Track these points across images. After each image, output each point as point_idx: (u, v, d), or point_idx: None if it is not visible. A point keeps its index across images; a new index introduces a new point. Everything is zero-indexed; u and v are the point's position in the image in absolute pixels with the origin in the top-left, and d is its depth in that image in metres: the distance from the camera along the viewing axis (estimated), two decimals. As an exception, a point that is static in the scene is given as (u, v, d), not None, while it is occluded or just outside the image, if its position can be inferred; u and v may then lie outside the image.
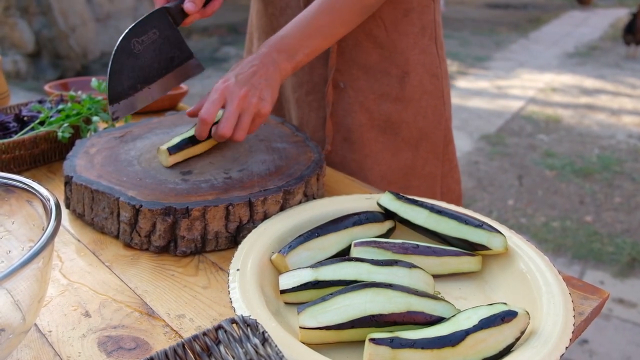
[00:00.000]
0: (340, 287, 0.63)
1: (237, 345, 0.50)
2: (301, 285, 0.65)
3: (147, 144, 0.96)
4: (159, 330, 0.63)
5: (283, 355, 0.48)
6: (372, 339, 0.54)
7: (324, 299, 0.60)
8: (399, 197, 0.79)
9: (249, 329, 0.51)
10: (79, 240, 0.80)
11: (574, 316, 0.60)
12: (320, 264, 0.66)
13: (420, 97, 1.11)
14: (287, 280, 0.66)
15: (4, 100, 1.29)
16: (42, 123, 1.05)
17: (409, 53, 1.08)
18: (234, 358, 0.49)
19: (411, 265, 0.66)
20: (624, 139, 4.31)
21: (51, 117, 1.06)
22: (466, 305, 0.67)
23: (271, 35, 1.11)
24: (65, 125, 1.02)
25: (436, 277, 0.71)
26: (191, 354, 0.50)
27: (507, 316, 0.56)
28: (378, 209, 0.81)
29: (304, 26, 0.92)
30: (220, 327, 0.51)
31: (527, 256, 0.71)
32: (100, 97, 1.10)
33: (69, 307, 0.66)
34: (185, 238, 0.76)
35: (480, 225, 0.73)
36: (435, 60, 1.12)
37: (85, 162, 0.88)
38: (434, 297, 0.61)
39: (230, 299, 0.62)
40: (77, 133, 1.08)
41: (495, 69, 6.37)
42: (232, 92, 0.84)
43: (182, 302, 0.67)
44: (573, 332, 0.58)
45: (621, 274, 2.61)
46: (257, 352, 0.49)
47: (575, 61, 6.82)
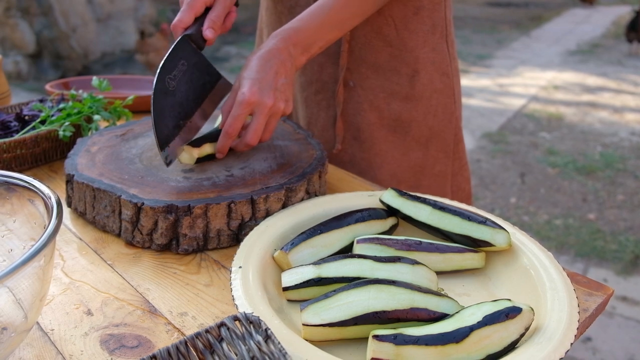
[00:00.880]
0: (343, 284, 0.63)
1: (240, 342, 0.50)
2: (304, 282, 0.64)
3: (149, 142, 0.95)
4: (162, 328, 0.62)
5: (286, 352, 0.48)
6: (375, 336, 0.54)
7: (326, 296, 0.59)
8: (402, 194, 0.78)
9: (251, 326, 0.51)
10: (80, 239, 0.80)
11: (578, 312, 0.60)
12: (323, 261, 0.66)
13: (431, 96, 1.10)
14: (290, 278, 0.66)
15: (5, 100, 1.29)
16: (43, 122, 1.05)
17: (419, 51, 1.07)
18: (236, 355, 0.49)
19: (414, 262, 0.66)
20: (627, 137, 4.30)
21: (52, 116, 1.06)
22: (470, 302, 0.67)
23: None
24: (67, 124, 1.02)
25: (439, 273, 0.71)
26: (194, 352, 0.49)
27: (512, 312, 0.56)
28: (380, 205, 0.80)
29: (320, 18, 0.90)
30: (222, 324, 0.51)
31: (531, 252, 0.71)
32: (101, 96, 1.10)
33: (71, 306, 0.66)
34: (187, 236, 0.76)
35: (484, 221, 0.73)
36: (446, 59, 1.11)
37: (87, 160, 0.88)
38: (438, 294, 0.61)
39: (232, 296, 0.61)
40: (78, 132, 1.08)
41: (497, 67, 6.36)
42: (260, 102, 0.83)
43: (185, 300, 0.67)
44: (578, 328, 0.58)
45: (624, 271, 2.61)
46: (260, 349, 0.49)
47: (577, 59, 6.80)
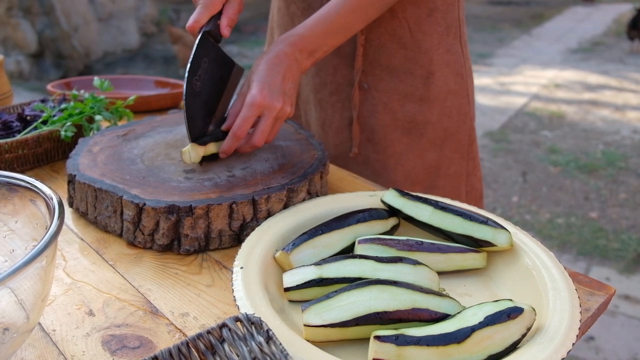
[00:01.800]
0: (344, 285, 0.63)
1: (242, 343, 0.50)
2: (305, 282, 0.64)
3: (150, 142, 0.95)
4: (163, 329, 0.62)
5: (287, 353, 0.48)
6: (377, 337, 0.54)
7: (328, 296, 0.59)
8: (403, 194, 0.78)
9: (253, 327, 0.51)
10: (82, 239, 0.80)
11: (580, 312, 0.60)
12: (325, 261, 0.66)
13: (445, 97, 1.10)
14: (291, 278, 0.66)
15: (7, 100, 1.30)
16: (45, 122, 1.05)
17: (434, 53, 1.06)
18: (238, 356, 0.49)
19: (416, 262, 0.66)
20: (629, 135, 4.29)
21: (54, 116, 1.06)
22: (471, 302, 0.67)
23: None
24: (68, 124, 1.02)
25: (441, 273, 0.71)
26: (195, 353, 0.50)
27: (513, 313, 0.56)
28: (382, 206, 0.80)
29: (326, 25, 0.91)
30: (224, 325, 0.51)
31: (533, 252, 0.71)
32: (103, 96, 1.10)
33: (72, 306, 0.66)
34: (189, 236, 0.76)
35: (485, 221, 0.72)
36: (460, 59, 1.11)
37: (89, 160, 0.88)
38: (439, 294, 0.61)
39: (234, 297, 0.61)
40: (80, 132, 1.08)
41: (498, 66, 6.35)
42: (269, 106, 0.84)
43: (186, 301, 0.67)
44: (580, 328, 0.58)
45: (627, 270, 2.60)
46: (261, 350, 0.49)
47: (578, 57, 6.79)
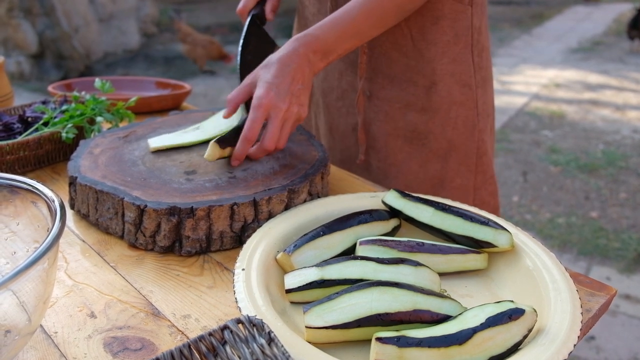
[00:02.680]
0: (346, 286, 0.63)
1: (243, 345, 0.50)
2: (307, 284, 0.64)
3: (151, 144, 0.95)
4: (165, 331, 0.63)
5: (289, 355, 0.48)
6: (378, 338, 0.54)
7: (329, 298, 0.59)
8: (404, 195, 0.78)
9: (254, 329, 0.51)
10: (83, 241, 0.80)
11: (581, 313, 0.60)
12: (326, 262, 0.66)
13: (449, 108, 1.07)
14: (293, 280, 0.66)
15: (8, 101, 1.30)
16: (46, 124, 1.05)
17: (437, 63, 1.04)
18: (240, 358, 0.49)
19: (417, 264, 0.66)
20: (629, 134, 4.29)
21: (55, 117, 1.06)
22: (473, 303, 0.67)
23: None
24: (69, 125, 1.02)
25: (442, 275, 0.71)
26: (197, 355, 0.50)
27: (515, 314, 0.56)
28: (383, 207, 0.80)
29: (341, 28, 0.91)
30: (226, 327, 0.51)
31: (534, 253, 0.71)
32: (104, 98, 1.10)
33: (74, 308, 0.66)
34: (190, 238, 0.76)
35: (486, 222, 0.72)
36: (469, 69, 1.07)
37: (90, 162, 0.88)
38: (440, 296, 0.61)
39: (235, 298, 0.61)
40: (81, 133, 1.08)
41: (499, 65, 6.35)
42: (275, 106, 0.84)
43: (188, 302, 0.67)
44: (581, 329, 0.58)
45: (627, 269, 2.60)
46: (263, 352, 0.49)
47: (578, 56, 6.79)
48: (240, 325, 0.52)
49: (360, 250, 0.70)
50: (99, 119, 1.06)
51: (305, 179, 0.84)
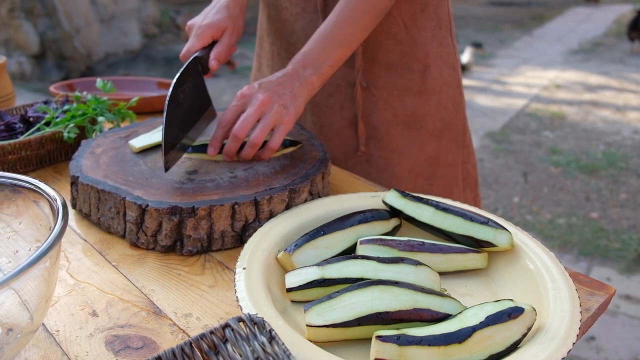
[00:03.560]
0: (346, 285, 0.63)
1: (245, 343, 0.50)
2: (307, 283, 0.65)
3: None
4: (166, 329, 0.63)
5: (290, 353, 0.48)
6: (378, 337, 0.54)
7: (330, 296, 0.60)
8: (404, 195, 0.79)
9: (256, 327, 0.51)
10: (85, 240, 0.81)
11: (580, 312, 0.60)
12: (327, 262, 0.67)
13: (441, 89, 1.12)
14: (294, 279, 0.66)
15: (10, 101, 1.30)
16: (48, 124, 1.06)
17: (428, 46, 1.09)
18: (241, 356, 0.49)
19: (417, 263, 0.66)
20: (629, 135, 4.29)
21: (57, 117, 1.06)
22: (472, 302, 0.67)
23: (286, 40, 1.13)
24: (71, 125, 1.03)
25: (442, 274, 0.71)
26: (199, 353, 0.50)
27: (514, 312, 0.56)
28: (383, 206, 0.81)
29: (326, 38, 0.94)
30: (227, 325, 0.51)
31: (533, 252, 0.71)
32: (106, 98, 1.11)
33: (76, 307, 0.66)
34: (192, 237, 0.76)
35: (486, 222, 0.73)
36: (452, 52, 1.14)
37: (91, 162, 0.89)
38: (440, 294, 0.61)
39: (236, 297, 0.62)
40: (83, 133, 1.08)
41: (499, 67, 6.35)
42: (254, 96, 0.87)
43: (189, 301, 0.68)
44: (580, 328, 0.58)
45: (628, 270, 2.60)
46: (264, 350, 0.49)
47: (579, 58, 6.79)
48: (241, 323, 0.52)
49: (361, 250, 0.71)
50: (100, 119, 1.06)
51: (306, 178, 0.84)
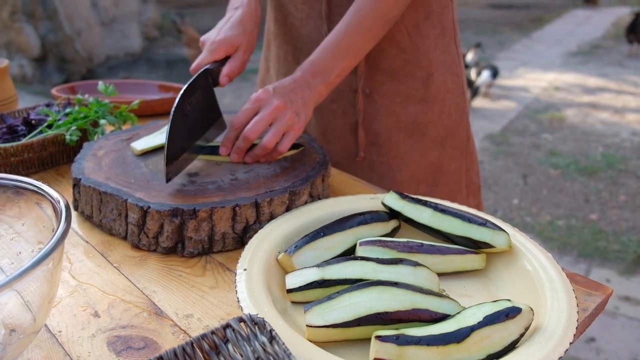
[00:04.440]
0: (346, 286, 0.64)
1: (245, 343, 0.51)
2: (307, 284, 0.65)
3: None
4: (168, 330, 0.63)
5: (290, 353, 0.49)
6: (378, 337, 0.55)
7: (330, 297, 0.60)
8: (403, 197, 0.79)
9: (256, 328, 0.52)
10: (87, 242, 0.81)
11: (577, 312, 0.61)
12: (326, 263, 0.67)
13: (444, 97, 1.12)
14: (294, 280, 0.66)
15: (12, 104, 1.31)
16: (50, 126, 1.06)
17: (432, 54, 1.09)
18: (242, 356, 0.50)
19: (416, 264, 0.66)
20: (628, 137, 4.30)
21: (59, 120, 1.07)
22: (471, 303, 0.67)
23: (292, 44, 1.13)
24: (73, 128, 1.03)
25: (441, 275, 0.72)
26: (200, 353, 0.50)
27: (512, 312, 0.57)
28: (383, 208, 0.81)
29: (334, 48, 0.94)
30: (228, 325, 0.52)
31: (531, 253, 0.71)
32: (107, 100, 1.11)
33: (78, 308, 0.67)
34: (193, 239, 0.77)
35: (484, 223, 0.73)
36: (456, 59, 1.14)
37: (93, 164, 0.89)
38: (439, 295, 0.62)
39: (237, 298, 0.62)
40: (85, 136, 1.09)
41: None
42: (268, 100, 0.88)
43: (190, 302, 0.68)
44: (577, 327, 0.59)
45: (627, 271, 2.61)
46: (264, 350, 0.49)
47: (578, 60, 6.80)
48: (242, 323, 0.53)
49: (360, 251, 0.71)
50: (102, 121, 1.07)
51: (306, 181, 0.85)
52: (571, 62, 6.69)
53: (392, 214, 0.80)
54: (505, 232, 0.73)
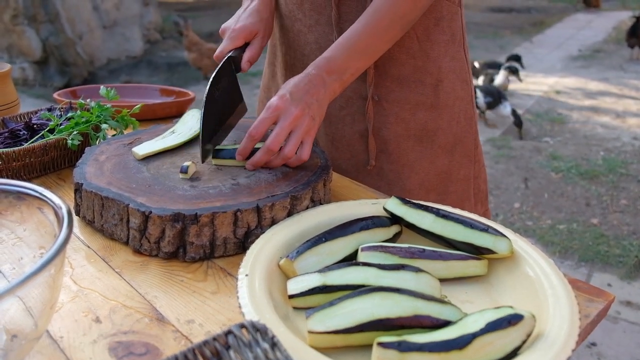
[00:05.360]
0: (348, 292, 0.64)
1: (247, 350, 0.50)
2: (309, 290, 0.65)
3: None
4: (169, 336, 0.63)
5: (292, 359, 0.49)
6: (380, 343, 0.55)
7: (332, 303, 0.60)
8: (405, 202, 0.79)
9: (258, 334, 0.52)
10: (89, 247, 0.81)
11: (579, 319, 0.61)
12: (328, 268, 0.67)
13: (453, 104, 1.12)
14: (296, 285, 0.66)
15: (14, 109, 1.31)
16: (51, 131, 1.07)
17: (441, 61, 1.09)
18: (243, 362, 0.50)
19: (418, 270, 0.66)
20: (629, 141, 4.30)
21: (61, 124, 1.07)
22: (473, 309, 0.67)
23: (300, 51, 1.13)
24: (75, 132, 1.03)
25: (442, 281, 0.72)
26: (201, 359, 0.50)
27: (514, 319, 0.57)
28: (384, 213, 0.81)
29: (350, 47, 0.94)
30: (229, 332, 0.52)
31: (533, 259, 0.71)
32: (109, 105, 1.12)
33: (79, 313, 0.67)
34: (194, 244, 0.77)
35: (486, 229, 0.73)
36: (465, 66, 1.13)
37: (95, 169, 0.89)
38: (441, 301, 0.62)
39: (239, 304, 0.62)
40: (87, 140, 1.09)
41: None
42: (287, 109, 0.87)
43: (192, 308, 0.68)
44: (579, 334, 0.59)
45: (628, 276, 2.60)
46: (266, 356, 0.49)
47: (579, 64, 6.81)
48: (243, 330, 0.53)
49: (362, 257, 0.71)
50: (104, 126, 1.07)
51: (307, 186, 0.85)
52: (572, 66, 6.70)
53: (394, 219, 0.80)
54: (507, 238, 0.72)
